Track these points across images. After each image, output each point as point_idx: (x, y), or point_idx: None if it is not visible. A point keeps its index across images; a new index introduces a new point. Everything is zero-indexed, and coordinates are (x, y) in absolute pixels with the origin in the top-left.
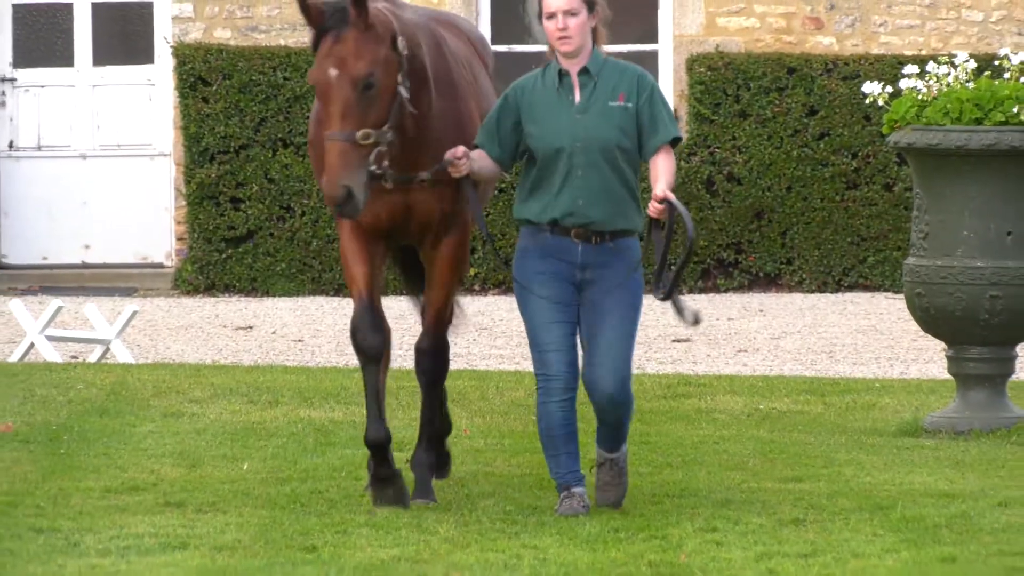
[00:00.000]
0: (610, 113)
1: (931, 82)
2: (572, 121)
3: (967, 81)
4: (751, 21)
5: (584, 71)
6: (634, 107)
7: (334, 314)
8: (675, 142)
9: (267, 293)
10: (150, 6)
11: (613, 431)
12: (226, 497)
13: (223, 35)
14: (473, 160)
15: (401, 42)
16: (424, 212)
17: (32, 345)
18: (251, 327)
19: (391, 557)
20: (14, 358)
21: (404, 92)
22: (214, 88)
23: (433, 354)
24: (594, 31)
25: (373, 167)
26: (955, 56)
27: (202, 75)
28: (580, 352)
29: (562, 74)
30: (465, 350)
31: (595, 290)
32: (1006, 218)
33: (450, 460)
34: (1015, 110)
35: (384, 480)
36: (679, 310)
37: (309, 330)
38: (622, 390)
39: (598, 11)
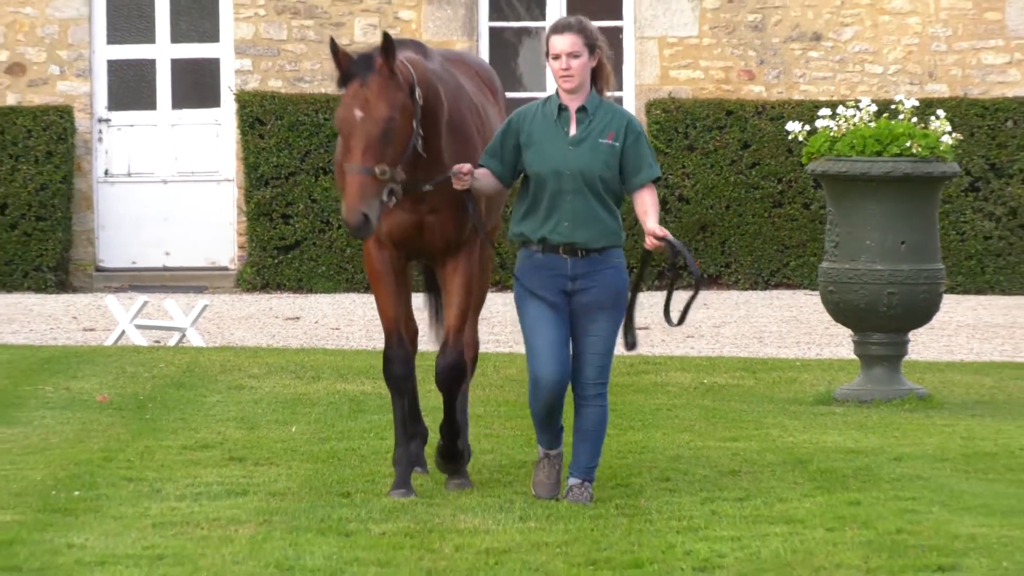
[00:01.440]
0: (599, 149)
1: (841, 122)
2: (565, 151)
3: (869, 121)
4: (697, 73)
5: (582, 108)
6: (620, 146)
7: (364, 307)
8: (656, 180)
9: (311, 291)
10: (217, 61)
11: (590, 441)
12: (278, 453)
13: (275, 84)
14: (476, 179)
15: (418, 92)
16: (436, 234)
17: (123, 332)
18: (298, 318)
19: (409, 500)
20: (109, 343)
21: (418, 138)
22: (268, 127)
23: (448, 369)
24: (596, 73)
25: (385, 199)
26: (860, 101)
27: (259, 116)
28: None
29: (561, 108)
30: None
31: (584, 296)
32: (900, 231)
33: (468, 455)
34: (907, 144)
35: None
36: (629, 329)
37: (344, 320)
38: (600, 379)
39: (598, 53)
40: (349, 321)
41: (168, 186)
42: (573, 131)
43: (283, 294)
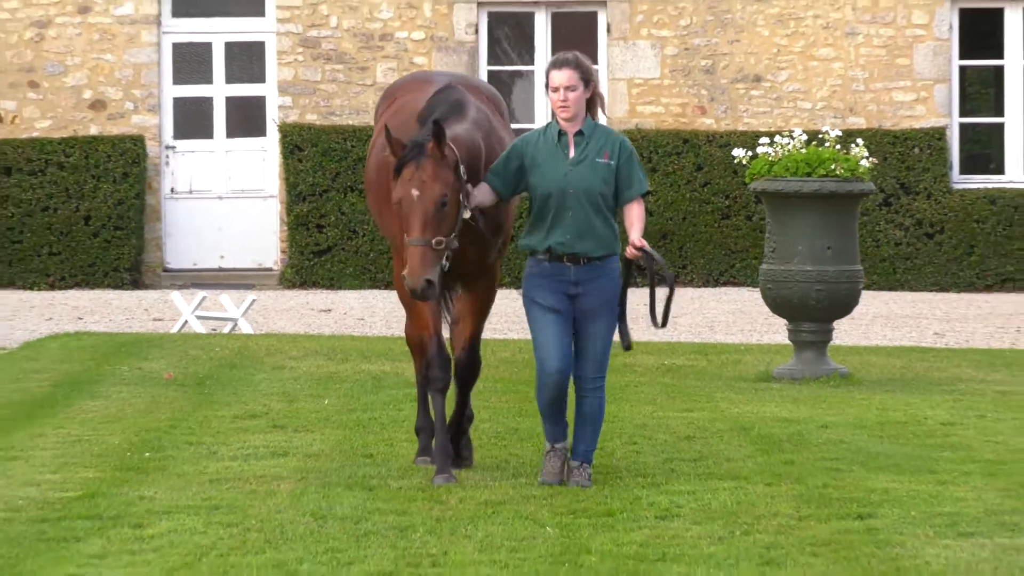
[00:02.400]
0: (596, 167)
1: (777, 149)
2: (566, 171)
3: (801, 148)
4: (659, 108)
5: (579, 133)
6: (615, 164)
7: (384, 301)
8: (646, 194)
9: (340, 287)
10: (263, 99)
11: (589, 428)
12: (313, 422)
13: (311, 118)
14: (474, 195)
15: (462, 168)
16: (464, 261)
17: (186, 322)
18: (329, 310)
19: (424, 477)
20: (174, 330)
21: (466, 212)
22: (305, 152)
23: (468, 367)
24: (591, 103)
25: (444, 264)
26: (793, 132)
27: (298, 144)
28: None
29: (561, 133)
30: None
31: (585, 300)
32: (826, 238)
33: (472, 448)
34: (832, 167)
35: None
36: (623, 332)
37: (368, 312)
38: (598, 372)
39: (592, 86)
40: (372, 313)
41: (223, 201)
42: (572, 153)
43: (317, 290)
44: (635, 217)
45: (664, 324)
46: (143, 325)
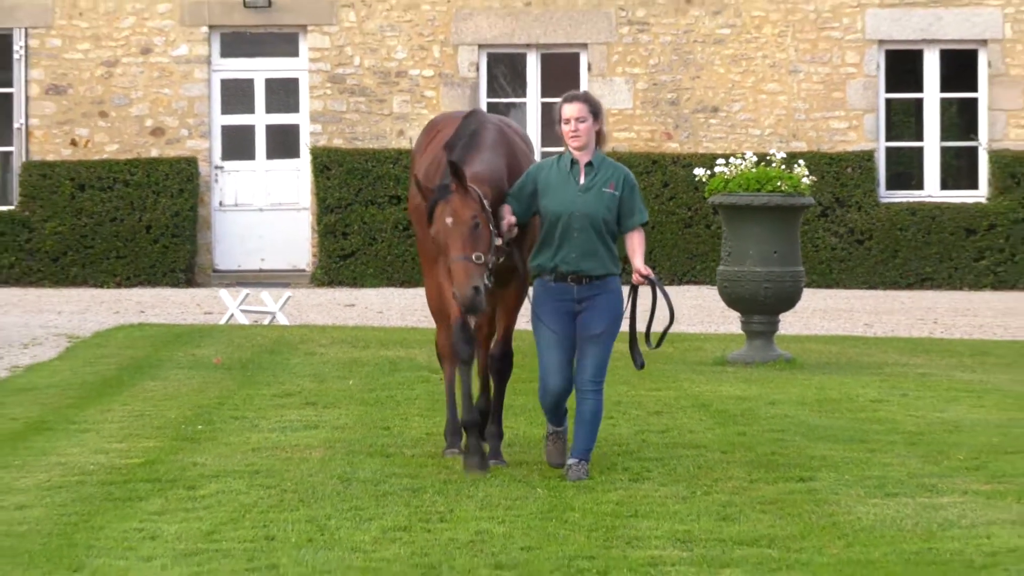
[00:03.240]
0: (602, 196)
1: (731, 168)
2: (575, 197)
3: (751, 168)
4: (631, 134)
5: (589, 164)
6: (618, 195)
7: (399, 298)
8: (644, 224)
9: (362, 286)
10: (297, 127)
11: (586, 429)
12: (339, 399)
13: (338, 142)
14: (504, 226)
15: (486, 202)
16: (501, 271)
17: (232, 315)
18: (353, 305)
19: (433, 429)
20: (221, 322)
21: (497, 239)
22: (332, 172)
23: (502, 358)
24: (599, 135)
25: (487, 281)
26: (745, 154)
27: (326, 164)
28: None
29: (573, 162)
30: None
31: (586, 315)
32: (773, 244)
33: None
34: (778, 184)
35: (474, 452)
36: (635, 352)
37: (386, 307)
38: (596, 378)
39: (600, 119)
40: (389, 307)
41: (263, 213)
42: (582, 181)
43: (343, 288)
44: (636, 244)
45: (658, 346)
46: (195, 318)
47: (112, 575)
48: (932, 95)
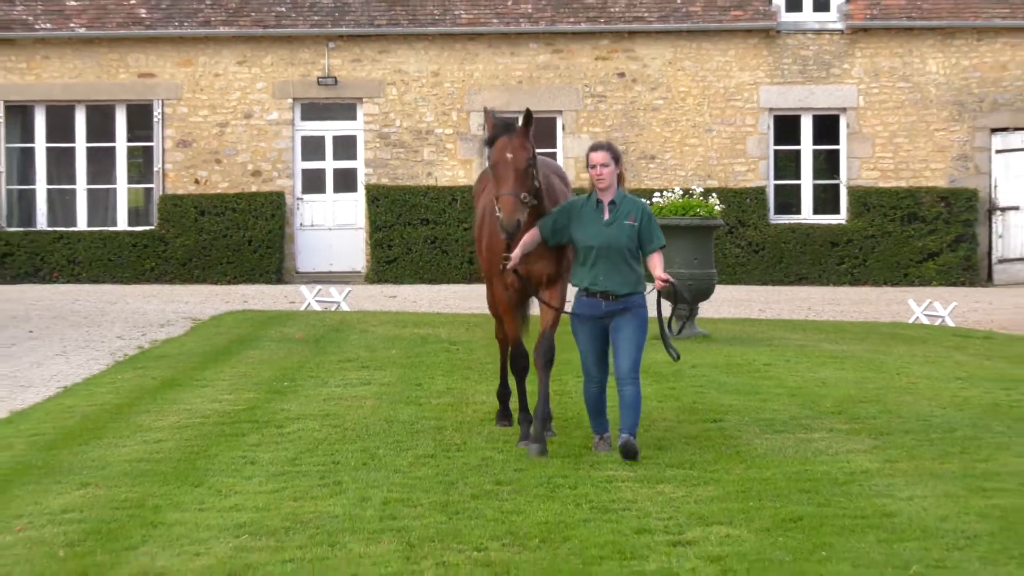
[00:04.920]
0: (624, 228)
1: (665, 199)
2: (601, 229)
3: (679, 199)
4: None
5: (612, 202)
6: (638, 225)
7: (428, 292)
8: (662, 247)
9: (401, 283)
10: (355, 170)
11: (630, 411)
12: (385, 363)
13: (384, 181)
14: (524, 245)
15: (534, 152)
16: (540, 274)
17: (309, 304)
18: (394, 296)
19: (452, 385)
20: (301, 309)
21: (537, 181)
22: (380, 202)
23: (547, 349)
24: (620, 177)
25: (523, 217)
26: (674, 189)
27: (376, 196)
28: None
29: (599, 201)
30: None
31: (618, 322)
32: (694, 253)
33: (549, 421)
34: (698, 210)
35: (537, 440)
36: (668, 346)
37: (418, 298)
38: (633, 371)
39: (620, 164)
40: (420, 298)
41: (331, 231)
42: (607, 216)
43: (387, 285)
44: (656, 262)
45: (679, 333)
46: (283, 306)
47: (223, 489)
48: (807, 147)
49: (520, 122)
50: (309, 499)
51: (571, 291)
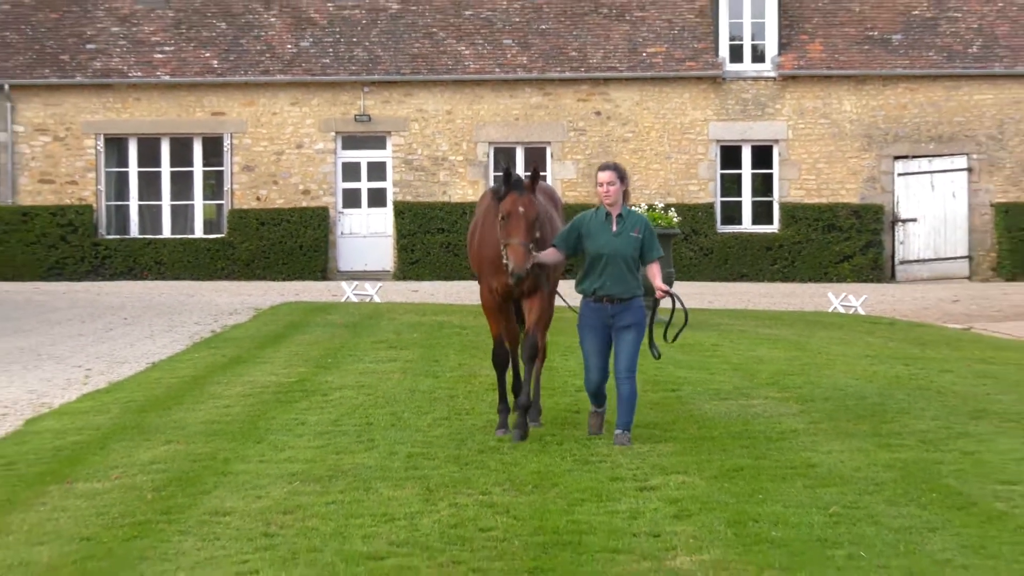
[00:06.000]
0: (629, 239)
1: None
2: (609, 240)
3: (644, 212)
4: (576, 193)
5: (620, 216)
6: (641, 237)
7: (444, 287)
8: (660, 258)
9: (422, 280)
10: (385, 189)
11: (626, 407)
12: (408, 344)
13: (408, 198)
14: (543, 256)
15: (539, 210)
16: (527, 288)
17: (348, 297)
18: (416, 291)
19: (464, 361)
20: (342, 301)
21: (539, 232)
22: (406, 215)
23: (531, 347)
24: (625, 194)
25: (529, 265)
26: (641, 205)
27: (402, 211)
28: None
29: (607, 215)
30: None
31: (619, 323)
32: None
33: (537, 413)
34: (659, 221)
35: (518, 427)
36: (652, 346)
37: (438, 292)
38: (629, 370)
39: (626, 182)
40: (438, 292)
41: (366, 238)
42: (614, 228)
43: (411, 282)
44: (655, 272)
45: (674, 340)
46: (327, 298)
47: (279, 444)
48: (747, 171)
49: (528, 178)
50: (348, 453)
51: (575, 297)
